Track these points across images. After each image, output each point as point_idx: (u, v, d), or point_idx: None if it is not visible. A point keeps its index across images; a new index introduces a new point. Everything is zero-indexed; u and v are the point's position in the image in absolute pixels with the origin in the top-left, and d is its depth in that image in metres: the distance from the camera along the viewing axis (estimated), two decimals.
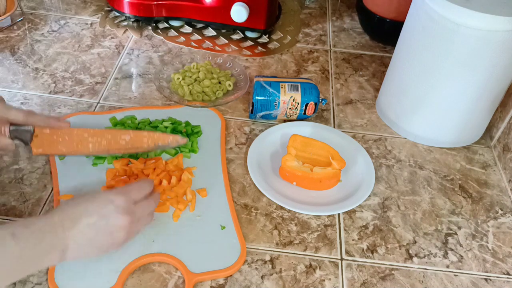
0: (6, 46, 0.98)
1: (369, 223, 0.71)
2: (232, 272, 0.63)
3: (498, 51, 0.72)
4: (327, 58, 1.04)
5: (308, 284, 0.63)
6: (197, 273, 0.61)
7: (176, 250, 0.64)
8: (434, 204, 0.75)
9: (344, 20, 1.18)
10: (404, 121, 0.85)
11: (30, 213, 0.67)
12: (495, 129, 0.87)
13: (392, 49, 0.90)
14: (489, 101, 0.80)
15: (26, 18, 1.06)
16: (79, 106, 0.86)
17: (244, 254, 0.64)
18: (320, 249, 0.67)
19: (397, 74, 0.84)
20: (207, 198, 0.71)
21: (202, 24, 1.08)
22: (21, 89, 0.88)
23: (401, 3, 0.98)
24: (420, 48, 0.77)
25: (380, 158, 0.82)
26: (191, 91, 0.88)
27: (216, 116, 0.85)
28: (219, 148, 0.79)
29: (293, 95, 0.83)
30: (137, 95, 0.89)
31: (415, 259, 0.67)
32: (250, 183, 0.75)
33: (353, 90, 0.96)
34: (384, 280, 0.64)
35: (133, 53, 1.00)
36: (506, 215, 0.75)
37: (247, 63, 1.01)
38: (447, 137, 0.84)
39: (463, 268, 0.67)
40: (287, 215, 0.71)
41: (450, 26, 0.72)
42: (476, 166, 0.83)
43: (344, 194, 0.74)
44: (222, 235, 0.66)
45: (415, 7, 0.78)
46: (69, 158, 0.74)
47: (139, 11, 1.04)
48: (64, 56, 0.97)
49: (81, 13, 1.10)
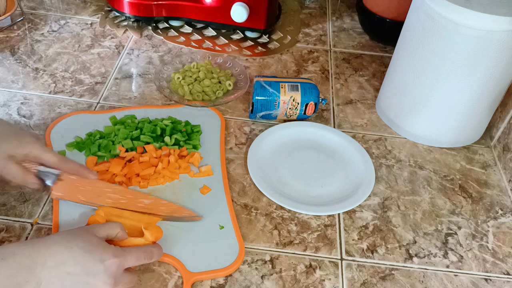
0: (6, 46, 0.98)
1: (369, 223, 0.71)
2: (230, 271, 0.63)
3: (498, 51, 0.72)
4: (327, 58, 1.04)
5: (308, 284, 0.63)
6: (195, 273, 0.61)
7: (174, 250, 0.64)
8: (434, 204, 0.75)
9: (344, 20, 1.18)
10: (404, 121, 0.85)
11: (30, 213, 0.67)
12: (495, 129, 0.87)
13: (392, 49, 0.90)
14: (489, 101, 0.80)
15: (26, 18, 1.06)
16: (79, 106, 0.86)
17: (243, 254, 0.64)
18: (320, 249, 0.67)
19: (397, 74, 0.84)
20: (206, 197, 0.71)
21: (202, 24, 1.08)
22: (21, 89, 0.88)
23: (401, 3, 0.98)
24: (420, 48, 0.77)
25: (380, 158, 0.82)
26: (191, 90, 0.88)
27: (216, 116, 0.85)
28: (219, 147, 0.79)
29: (293, 95, 0.83)
30: (137, 95, 0.89)
31: (415, 259, 0.67)
32: (250, 183, 0.75)
33: (353, 90, 0.96)
34: (384, 280, 0.64)
35: (133, 53, 1.00)
36: (506, 215, 0.75)
37: (247, 63, 1.01)
38: (447, 137, 0.84)
39: (463, 268, 0.67)
40: (287, 215, 0.71)
41: (450, 26, 0.72)
42: (476, 166, 0.83)
43: (344, 194, 0.74)
44: (220, 235, 0.66)
45: (415, 7, 0.78)
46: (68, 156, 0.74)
47: (139, 11, 1.04)
48: (64, 56, 0.97)
49: (81, 13, 1.10)
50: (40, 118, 0.82)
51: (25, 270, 0.50)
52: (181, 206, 0.69)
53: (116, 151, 0.75)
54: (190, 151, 0.77)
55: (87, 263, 0.53)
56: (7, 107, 0.84)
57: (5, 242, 0.64)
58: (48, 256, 0.52)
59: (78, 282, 0.52)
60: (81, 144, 0.76)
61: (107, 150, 0.75)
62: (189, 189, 0.72)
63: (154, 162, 0.74)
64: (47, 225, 0.66)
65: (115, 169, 0.72)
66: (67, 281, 0.52)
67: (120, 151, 0.75)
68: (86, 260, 0.53)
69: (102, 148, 0.75)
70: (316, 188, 0.75)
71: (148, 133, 0.78)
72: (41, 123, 0.81)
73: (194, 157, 0.76)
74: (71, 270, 0.52)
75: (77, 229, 0.57)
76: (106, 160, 0.74)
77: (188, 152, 0.77)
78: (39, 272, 0.50)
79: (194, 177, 0.74)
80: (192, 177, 0.74)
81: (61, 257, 0.52)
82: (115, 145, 0.76)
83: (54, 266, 0.51)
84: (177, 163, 0.74)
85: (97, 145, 0.75)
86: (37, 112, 0.83)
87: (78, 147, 0.76)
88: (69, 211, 0.67)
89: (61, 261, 0.52)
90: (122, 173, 0.72)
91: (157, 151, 0.75)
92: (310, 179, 0.77)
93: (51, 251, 0.52)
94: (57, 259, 0.52)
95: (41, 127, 0.80)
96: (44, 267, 0.51)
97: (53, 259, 0.52)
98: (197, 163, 0.76)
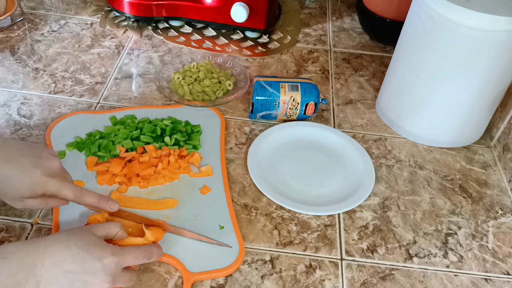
0: (6, 46, 0.98)
1: (369, 223, 0.71)
2: (230, 271, 0.63)
3: (498, 51, 0.72)
4: (327, 58, 1.04)
5: (308, 284, 0.63)
6: (195, 273, 0.61)
7: (174, 250, 0.64)
8: (434, 204, 0.75)
9: (344, 20, 1.18)
10: (404, 121, 0.85)
11: (30, 213, 0.67)
12: (495, 129, 0.87)
13: (392, 49, 0.90)
14: (489, 101, 0.80)
15: (26, 18, 1.06)
16: (79, 106, 0.86)
17: (243, 254, 0.64)
18: (320, 249, 0.67)
19: (397, 74, 0.84)
20: (206, 197, 0.71)
21: (202, 24, 1.08)
22: (21, 89, 0.88)
23: (401, 3, 0.98)
24: (420, 48, 0.77)
25: (380, 158, 0.82)
26: (191, 90, 0.88)
27: (216, 116, 0.85)
28: (219, 147, 0.79)
29: (293, 95, 0.83)
30: (137, 95, 0.89)
31: (415, 259, 0.67)
32: (250, 183, 0.75)
33: (353, 90, 0.96)
34: (384, 280, 0.64)
35: (133, 53, 1.00)
36: (506, 215, 0.75)
37: (247, 63, 1.01)
38: (447, 137, 0.84)
39: (463, 268, 0.67)
40: (287, 215, 0.71)
41: (450, 26, 0.72)
42: (476, 166, 0.83)
43: (344, 194, 0.74)
44: (221, 235, 0.66)
45: (415, 7, 0.78)
46: (69, 157, 0.75)
47: (139, 11, 1.04)
48: (64, 56, 0.97)
49: (81, 13, 1.10)
50: (40, 118, 0.82)
51: (25, 269, 0.50)
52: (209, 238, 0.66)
53: (116, 151, 0.75)
54: (190, 151, 0.77)
55: (86, 262, 0.53)
56: (7, 107, 0.84)
57: (5, 242, 0.64)
58: (47, 255, 0.52)
59: (77, 280, 0.52)
60: (81, 144, 0.76)
61: (107, 150, 0.75)
62: (189, 189, 0.72)
63: (154, 162, 0.74)
64: (47, 225, 0.66)
65: (115, 169, 0.72)
66: (66, 280, 0.52)
67: (120, 151, 0.75)
68: (85, 258, 0.53)
69: (102, 148, 0.75)
70: (316, 188, 0.75)
71: (148, 133, 0.78)
72: (41, 123, 0.81)
73: (194, 157, 0.76)
74: (70, 268, 0.52)
75: (76, 229, 0.57)
76: (106, 160, 0.74)
77: (188, 152, 0.77)
78: (39, 270, 0.51)
79: (194, 177, 0.74)
80: (192, 177, 0.74)
81: (59, 256, 0.52)
82: (115, 145, 0.76)
83: (53, 265, 0.51)
84: (177, 163, 0.75)
85: (97, 145, 0.76)
86: (37, 112, 0.83)
87: (78, 147, 0.76)
88: (69, 211, 0.67)
89: (59, 260, 0.52)
90: (122, 173, 0.72)
91: (157, 151, 0.75)
92: (310, 179, 0.77)
93: (50, 250, 0.52)
94: (56, 258, 0.52)
95: (41, 127, 0.80)
96: (43, 266, 0.51)
97: (52, 258, 0.52)
98: (197, 163, 0.76)
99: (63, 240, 0.54)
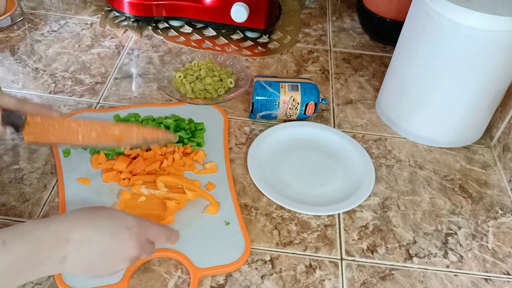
0: (6, 46, 0.98)
1: (369, 223, 0.71)
2: (237, 267, 0.63)
3: (498, 51, 0.72)
4: (327, 58, 1.04)
5: (308, 284, 0.63)
6: (203, 268, 0.62)
7: (181, 246, 0.64)
8: (434, 204, 0.75)
9: (344, 20, 1.18)
10: (404, 121, 0.85)
11: (30, 213, 0.67)
12: (495, 129, 0.87)
13: (392, 49, 0.90)
14: (489, 101, 0.80)
15: (26, 18, 1.06)
16: (79, 106, 0.86)
17: (249, 250, 0.65)
18: (320, 249, 0.67)
19: (397, 74, 0.84)
20: (212, 194, 0.71)
21: (202, 24, 1.08)
22: (21, 89, 0.88)
23: (401, 3, 0.98)
24: (420, 48, 0.77)
25: (380, 158, 0.82)
26: (193, 88, 0.88)
27: (219, 114, 0.85)
28: (222, 145, 0.79)
29: (293, 95, 0.83)
30: (137, 95, 0.89)
31: (415, 259, 0.67)
32: (250, 183, 0.75)
33: (353, 90, 0.96)
34: (384, 280, 0.64)
35: (133, 53, 1.00)
36: (506, 215, 0.75)
37: (247, 63, 1.01)
38: (447, 137, 0.84)
39: (463, 268, 0.67)
40: (287, 215, 0.71)
41: (450, 26, 0.72)
42: (476, 166, 0.83)
43: (344, 194, 0.74)
44: (226, 231, 0.67)
45: (415, 7, 0.78)
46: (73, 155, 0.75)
47: (139, 11, 1.04)
48: (64, 56, 0.97)
49: (81, 13, 1.10)
50: None
51: (48, 246, 0.48)
52: (153, 128, 0.68)
53: (121, 149, 0.75)
54: (194, 148, 0.77)
55: (114, 231, 0.52)
56: None
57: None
58: (73, 230, 0.50)
59: (106, 252, 0.52)
60: None
61: (112, 148, 0.75)
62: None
63: (159, 159, 0.74)
64: None
65: (120, 166, 0.72)
66: (97, 249, 0.51)
67: (125, 149, 0.75)
68: (113, 228, 0.52)
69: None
70: (316, 188, 0.75)
71: None
72: None
73: (199, 155, 0.76)
74: (99, 239, 0.51)
75: (92, 207, 0.56)
76: (111, 158, 0.74)
77: (192, 150, 0.77)
78: (64, 247, 0.49)
79: (198, 174, 0.74)
80: (197, 174, 0.74)
81: (85, 230, 0.51)
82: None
83: (82, 240, 0.50)
84: (181, 160, 0.75)
85: None
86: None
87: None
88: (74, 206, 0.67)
89: (86, 233, 0.51)
90: (127, 170, 0.72)
91: (162, 149, 0.76)
92: (310, 179, 0.77)
93: (73, 223, 0.51)
94: (83, 232, 0.51)
95: None
96: (69, 241, 0.49)
97: (80, 233, 0.50)
98: (202, 161, 0.76)
99: (86, 214, 0.53)
